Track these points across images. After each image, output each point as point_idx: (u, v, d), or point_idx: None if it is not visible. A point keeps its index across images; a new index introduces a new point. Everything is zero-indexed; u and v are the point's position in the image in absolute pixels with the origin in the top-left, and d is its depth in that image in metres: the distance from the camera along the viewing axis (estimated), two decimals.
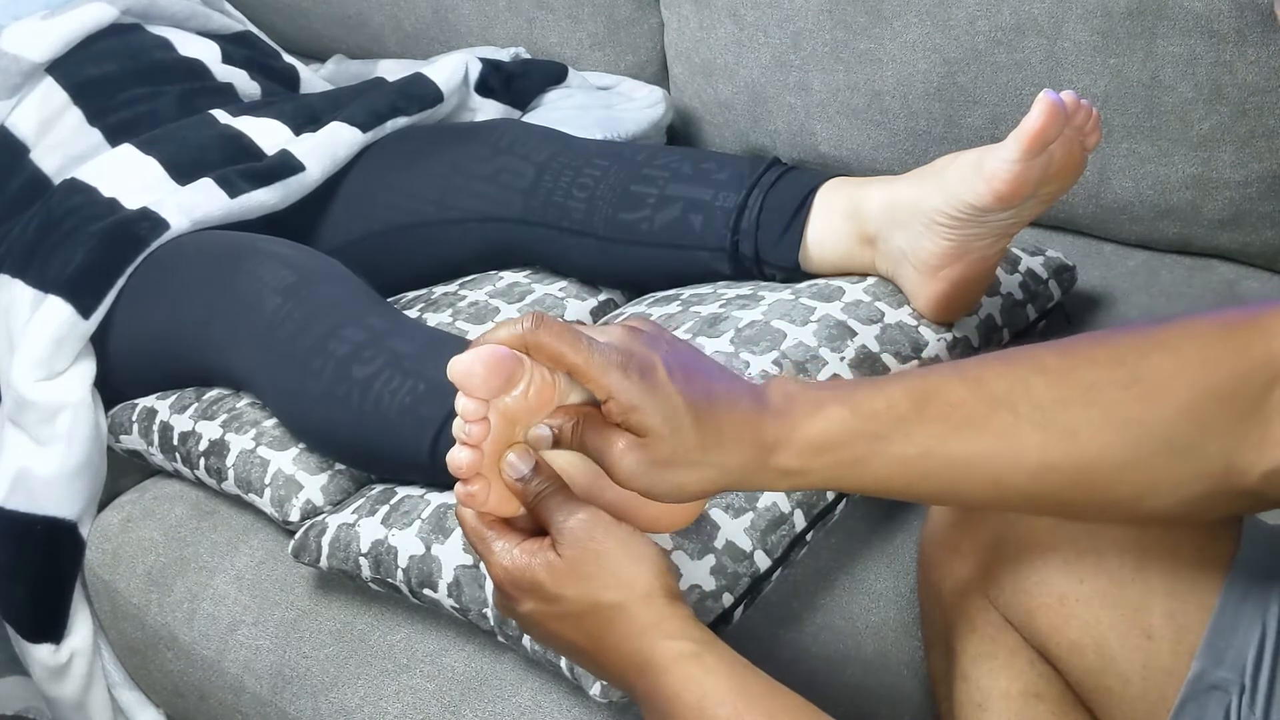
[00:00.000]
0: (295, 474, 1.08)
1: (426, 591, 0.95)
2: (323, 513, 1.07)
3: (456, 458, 0.68)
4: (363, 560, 0.99)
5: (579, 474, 0.70)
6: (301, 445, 1.10)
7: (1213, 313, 0.66)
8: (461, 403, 0.67)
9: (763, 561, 0.90)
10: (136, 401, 1.23)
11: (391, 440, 1.01)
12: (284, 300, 1.09)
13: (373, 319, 1.07)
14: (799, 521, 0.91)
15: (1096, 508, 0.68)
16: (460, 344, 1.07)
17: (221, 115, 1.36)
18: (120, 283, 1.20)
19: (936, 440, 0.66)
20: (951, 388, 0.67)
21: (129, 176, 1.27)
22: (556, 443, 0.68)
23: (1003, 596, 0.81)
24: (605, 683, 0.72)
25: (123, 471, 1.27)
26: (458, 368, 0.65)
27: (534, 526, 0.70)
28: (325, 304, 1.09)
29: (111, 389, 1.24)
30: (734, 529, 0.89)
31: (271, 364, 1.09)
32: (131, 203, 1.24)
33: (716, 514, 0.90)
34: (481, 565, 0.91)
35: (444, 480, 1.00)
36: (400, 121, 1.36)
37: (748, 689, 0.65)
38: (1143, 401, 0.64)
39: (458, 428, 0.67)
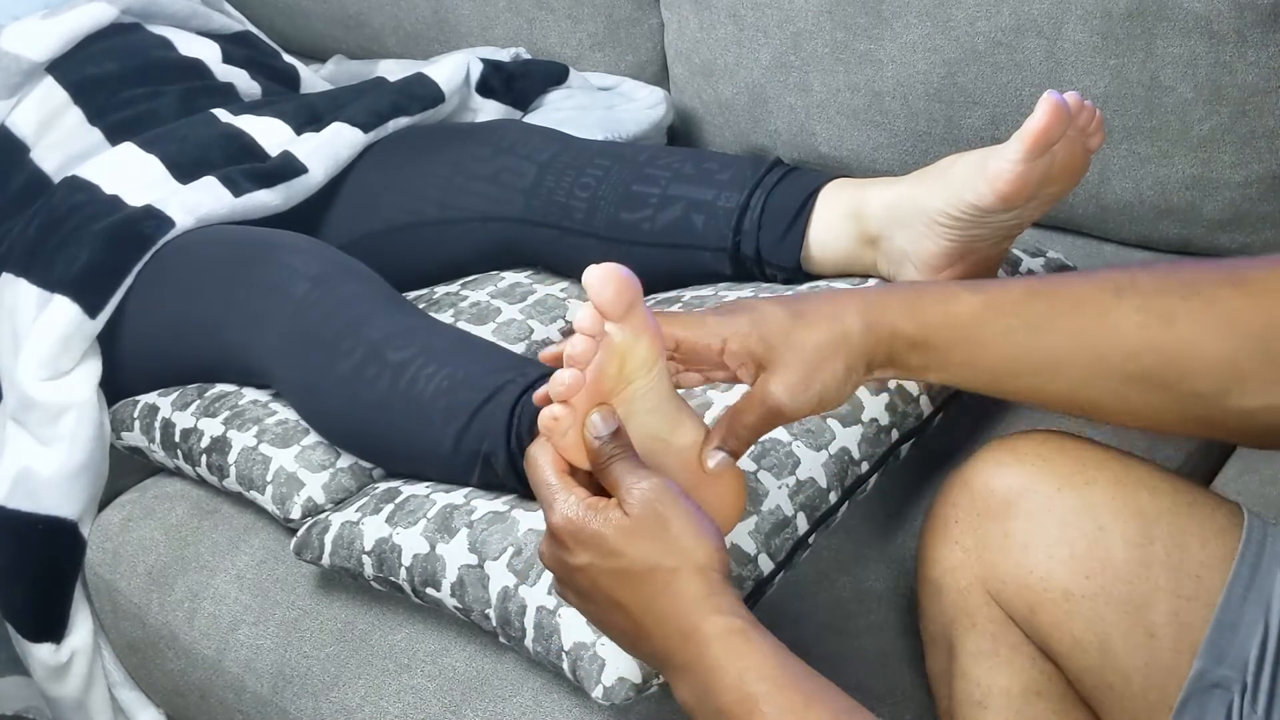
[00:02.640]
0: (297, 471, 1.08)
1: (429, 591, 0.95)
2: (324, 510, 1.07)
3: (561, 376, 0.69)
4: (366, 558, 0.99)
5: (643, 453, 0.72)
6: (304, 442, 1.10)
7: None
8: (582, 313, 0.68)
9: (766, 565, 0.90)
10: (138, 398, 1.23)
11: (418, 424, 1.00)
12: (313, 287, 1.10)
13: (402, 313, 1.08)
14: (802, 524, 0.92)
15: (1181, 396, 0.69)
16: (490, 345, 1.07)
17: (222, 114, 1.36)
18: (128, 281, 1.20)
19: (1043, 316, 0.71)
20: (1059, 278, 0.74)
21: (130, 175, 1.27)
22: (735, 455, 0.74)
23: (1004, 592, 0.81)
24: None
25: (124, 470, 1.27)
26: (594, 274, 0.68)
27: (594, 489, 0.71)
28: (355, 294, 1.10)
29: (116, 387, 1.24)
30: (738, 532, 0.89)
31: (295, 345, 1.09)
32: (134, 200, 1.24)
33: None
34: (486, 565, 0.92)
35: (456, 475, 1.01)
36: (402, 121, 1.36)
37: (788, 668, 0.66)
38: (1244, 299, 0.67)
39: (570, 343, 0.69)
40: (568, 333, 0.79)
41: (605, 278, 0.67)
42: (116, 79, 1.41)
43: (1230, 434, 0.76)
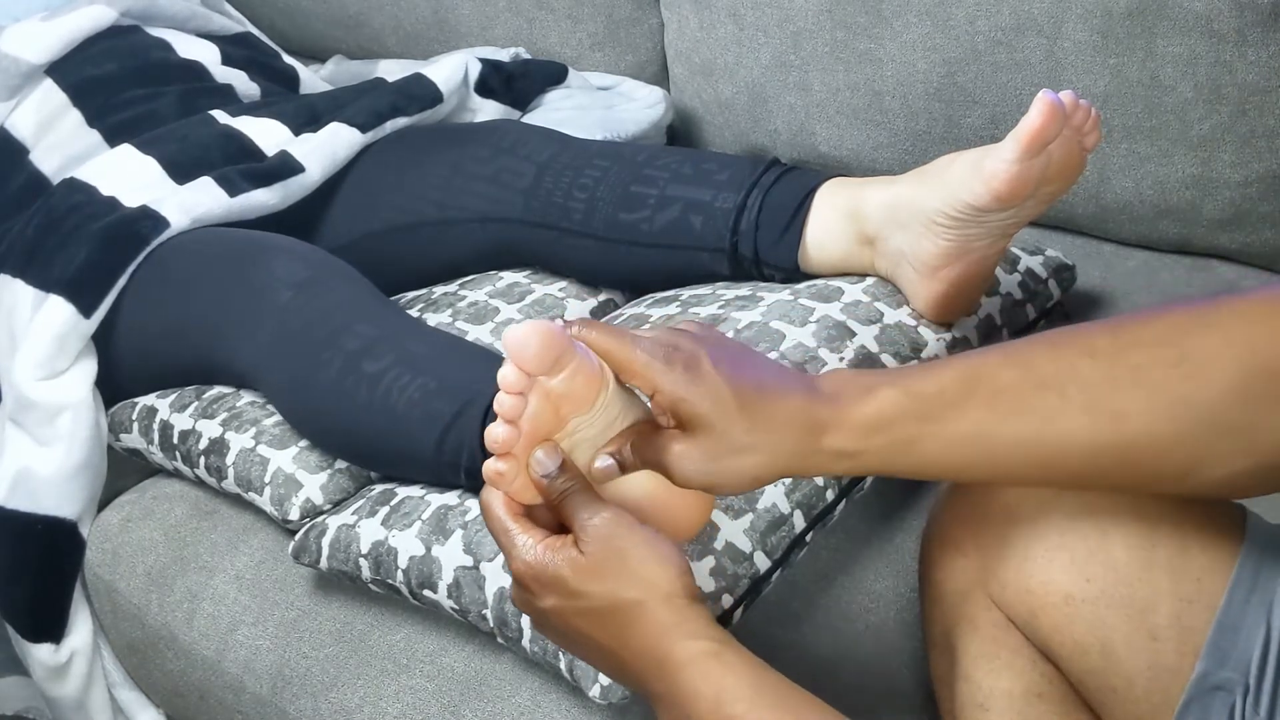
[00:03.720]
0: (295, 473, 1.08)
1: (426, 593, 0.95)
2: (322, 512, 1.07)
3: (494, 432, 0.68)
4: (363, 561, 0.99)
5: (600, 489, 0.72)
6: (301, 444, 1.10)
7: (1260, 289, 0.66)
8: (504, 371, 0.67)
9: (762, 563, 0.90)
10: (136, 400, 1.23)
11: (397, 435, 1.01)
12: (296, 294, 1.10)
13: (384, 318, 1.08)
14: (798, 522, 0.91)
15: (1144, 484, 0.69)
16: (473, 349, 1.07)
17: (221, 115, 1.36)
18: (122, 281, 1.20)
19: (986, 423, 0.67)
20: (1000, 371, 0.68)
21: (128, 176, 1.27)
22: (623, 469, 0.70)
23: (1006, 595, 0.81)
24: (615, 681, 0.73)
25: (123, 471, 1.27)
26: (514, 336, 0.66)
27: (555, 523, 0.71)
28: (338, 300, 1.10)
29: (113, 388, 1.24)
30: (733, 530, 0.89)
31: (280, 355, 1.09)
32: (131, 201, 1.24)
33: (716, 515, 0.89)
34: (481, 566, 0.92)
35: (446, 479, 1.01)
36: (400, 122, 1.36)
37: (765, 686, 0.66)
38: (1190, 380, 0.65)
39: (497, 401, 0.68)
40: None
41: (524, 340, 0.66)
42: (115, 81, 1.42)
43: (1201, 499, 0.76)
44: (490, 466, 0.69)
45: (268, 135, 1.34)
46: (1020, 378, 0.68)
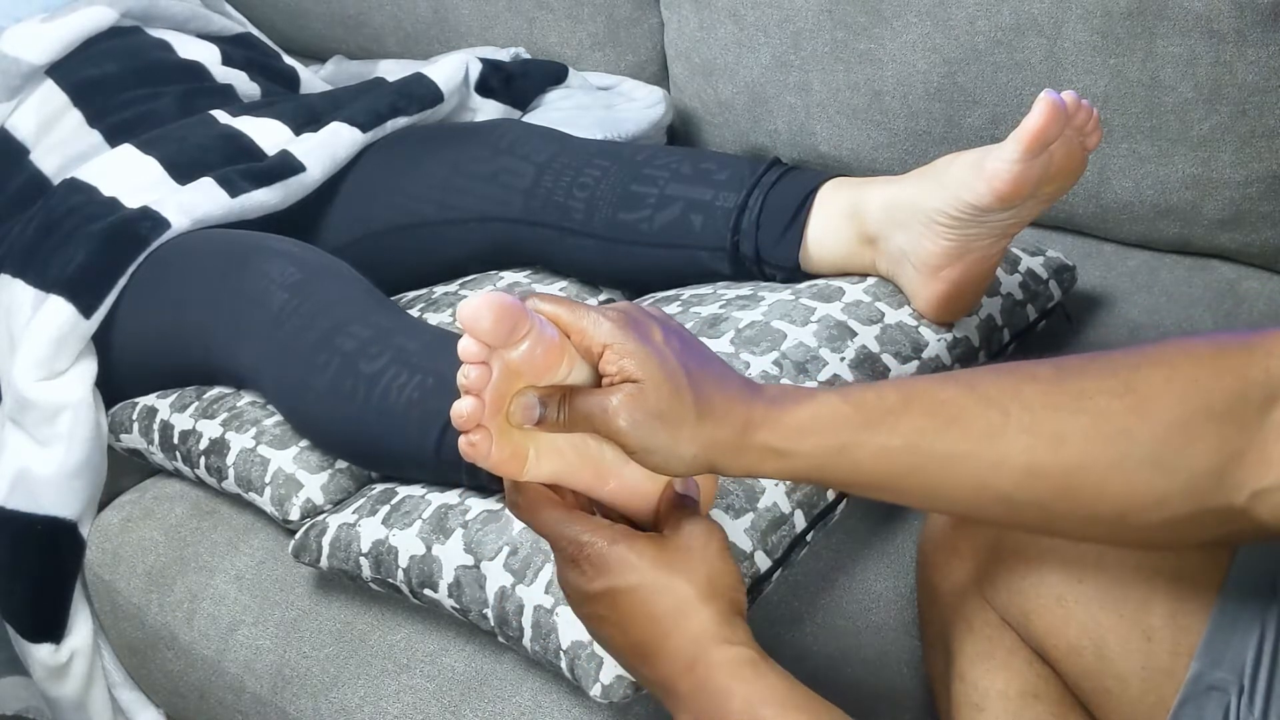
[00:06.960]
0: (295, 473, 1.08)
1: (427, 592, 0.95)
2: (323, 512, 1.07)
3: (459, 407, 0.68)
4: (363, 560, 0.99)
5: (585, 465, 0.70)
6: (302, 444, 1.10)
7: (1208, 334, 0.66)
8: (464, 343, 0.67)
9: (763, 562, 0.90)
10: (137, 400, 1.23)
11: (396, 435, 1.01)
12: (290, 296, 1.10)
13: (379, 316, 1.08)
14: (799, 522, 0.91)
15: (1078, 521, 0.68)
16: None
17: (221, 115, 1.36)
18: (121, 282, 1.20)
19: (922, 434, 0.66)
20: (942, 387, 0.68)
21: (129, 176, 1.27)
22: (542, 420, 0.68)
23: (1000, 598, 0.81)
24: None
25: (123, 471, 1.27)
26: (467, 309, 0.66)
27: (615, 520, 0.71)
28: (331, 301, 1.10)
29: (113, 388, 1.24)
30: (734, 530, 0.89)
31: (276, 359, 1.09)
32: (132, 202, 1.24)
33: (717, 514, 0.90)
34: (482, 565, 0.92)
35: (448, 478, 1.01)
36: (400, 122, 1.36)
37: (796, 697, 0.66)
38: (1133, 412, 0.64)
39: (460, 373, 0.67)
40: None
41: (477, 311, 0.65)
42: (116, 81, 1.42)
43: (1137, 547, 0.75)
44: (463, 441, 0.68)
45: (268, 135, 1.34)
46: (962, 394, 0.67)
